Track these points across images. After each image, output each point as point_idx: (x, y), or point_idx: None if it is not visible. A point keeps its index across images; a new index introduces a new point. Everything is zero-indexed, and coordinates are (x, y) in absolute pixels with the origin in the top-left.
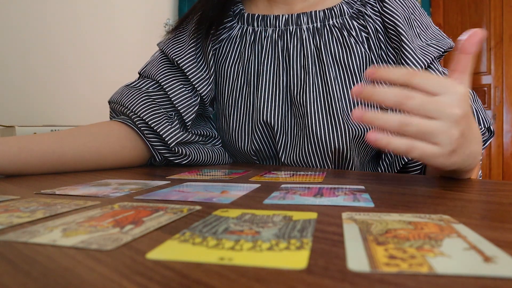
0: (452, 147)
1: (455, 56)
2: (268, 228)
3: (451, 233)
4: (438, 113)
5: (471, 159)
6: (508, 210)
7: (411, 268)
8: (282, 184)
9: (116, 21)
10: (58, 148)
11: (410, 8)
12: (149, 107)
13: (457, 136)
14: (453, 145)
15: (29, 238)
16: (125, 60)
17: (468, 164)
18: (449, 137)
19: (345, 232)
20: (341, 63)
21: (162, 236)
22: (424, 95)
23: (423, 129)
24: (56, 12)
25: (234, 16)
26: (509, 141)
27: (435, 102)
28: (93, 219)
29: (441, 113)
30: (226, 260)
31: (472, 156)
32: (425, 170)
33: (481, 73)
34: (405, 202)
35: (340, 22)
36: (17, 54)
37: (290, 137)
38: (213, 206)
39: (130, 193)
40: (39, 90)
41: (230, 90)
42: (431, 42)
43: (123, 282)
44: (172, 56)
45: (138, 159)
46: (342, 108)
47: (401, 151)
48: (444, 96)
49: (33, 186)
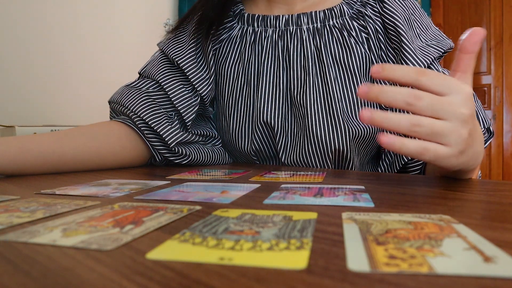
0: (462, 147)
1: (456, 56)
2: (268, 228)
3: (451, 233)
4: (447, 113)
5: (474, 159)
6: (508, 210)
7: (411, 268)
8: (282, 184)
9: (116, 21)
10: (58, 148)
11: (410, 9)
12: (149, 107)
13: (466, 136)
14: (463, 145)
15: (29, 238)
16: (125, 60)
17: (472, 164)
18: (459, 137)
19: (345, 232)
20: (341, 64)
21: (162, 236)
22: (432, 95)
23: (435, 130)
24: (56, 12)
25: (234, 17)
26: (509, 141)
27: (444, 103)
28: (93, 219)
29: (450, 113)
30: (226, 260)
31: (476, 156)
32: (425, 170)
33: (481, 73)
34: (405, 202)
35: (340, 22)
36: (17, 54)
37: (290, 137)
38: (213, 206)
39: (130, 193)
40: (39, 90)
41: (230, 90)
42: (431, 43)
43: (123, 282)
44: (172, 56)
45: (138, 159)
46: (342, 108)
47: (414, 154)
48: (451, 96)
49: (33, 186)
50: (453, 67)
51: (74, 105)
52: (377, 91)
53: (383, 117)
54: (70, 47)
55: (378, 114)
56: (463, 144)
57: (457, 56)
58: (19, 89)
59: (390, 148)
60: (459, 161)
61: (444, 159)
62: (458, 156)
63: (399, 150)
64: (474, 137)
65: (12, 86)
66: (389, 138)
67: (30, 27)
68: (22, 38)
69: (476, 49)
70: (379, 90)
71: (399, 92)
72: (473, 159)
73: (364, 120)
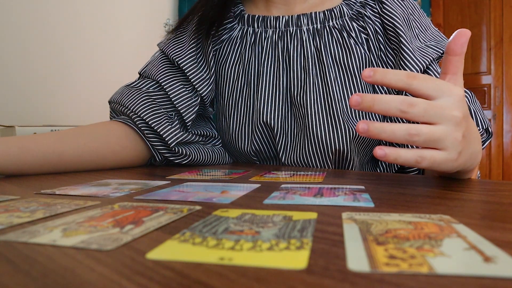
0: (458, 150)
1: (444, 59)
2: (268, 228)
3: (451, 233)
4: (440, 118)
5: (472, 159)
6: (508, 210)
7: (411, 268)
8: (282, 184)
9: (116, 21)
10: (58, 149)
11: (409, 9)
12: (149, 107)
13: (460, 139)
14: (459, 148)
15: (29, 238)
16: (125, 60)
17: (470, 164)
18: (454, 141)
19: (345, 232)
20: (341, 64)
21: (162, 236)
22: (425, 101)
23: (431, 137)
24: (56, 12)
25: (235, 17)
26: (509, 141)
27: (437, 107)
28: (93, 219)
29: (443, 117)
30: (226, 260)
31: (473, 157)
32: (424, 170)
33: (481, 73)
34: (405, 202)
35: (340, 23)
36: (17, 54)
37: (290, 138)
38: (213, 206)
39: (130, 193)
40: (39, 90)
41: (230, 91)
42: (430, 44)
43: (123, 282)
44: (173, 57)
45: (138, 159)
46: (342, 109)
47: (411, 163)
48: (443, 99)
49: (33, 186)
50: (442, 70)
51: (74, 105)
52: (370, 100)
53: (379, 129)
54: (70, 47)
55: (374, 126)
56: (459, 147)
57: (446, 58)
58: (19, 89)
59: (385, 160)
60: (457, 163)
61: (441, 164)
62: (455, 159)
63: (394, 161)
64: (469, 139)
65: (12, 86)
66: (383, 151)
67: (30, 27)
68: (22, 38)
69: (464, 50)
70: (372, 99)
71: (392, 100)
72: (470, 159)
73: (360, 133)
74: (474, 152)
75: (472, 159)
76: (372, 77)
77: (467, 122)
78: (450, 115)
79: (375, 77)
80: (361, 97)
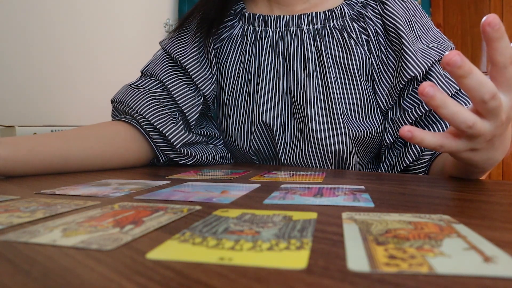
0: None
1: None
2: (268, 228)
3: (451, 233)
4: (493, 115)
5: (487, 165)
6: (508, 210)
7: (411, 268)
8: (282, 184)
9: (116, 21)
10: (65, 151)
11: (411, 10)
12: (154, 108)
13: (488, 139)
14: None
15: (29, 238)
16: (125, 60)
17: (482, 168)
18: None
19: (345, 232)
20: (341, 65)
21: (162, 236)
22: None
23: (479, 132)
24: (56, 12)
25: (235, 15)
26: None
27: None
28: (93, 219)
29: (495, 115)
30: (226, 260)
31: (490, 163)
32: (429, 171)
33: None
34: (405, 202)
35: (341, 24)
36: (18, 54)
37: (289, 138)
38: (213, 206)
39: (130, 193)
40: (39, 90)
41: (230, 89)
42: (432, 45)
43: (123, 282)
44: (176, 56)
45: (141, 160)
46: (342, 110)
47: (432, 147)
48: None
49: (33, 186)
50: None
51: (74, 105)
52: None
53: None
54: (70, 47)
55: (417, 132)
56: (482, 144)
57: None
58: (19, 89)
59: (409, 140)
60: (470, 161)
61: (455, 154)
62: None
63: (419, 143)
64: (495, 144)
65: (12, 86)
66: (411, 132)
67: (30, 27)
68: (22, 38)
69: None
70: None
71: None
72: (485, 164)
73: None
74: (492, 158)
75: (487, 164)
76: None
77: (504, 128)
78: (499, 115)
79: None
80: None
